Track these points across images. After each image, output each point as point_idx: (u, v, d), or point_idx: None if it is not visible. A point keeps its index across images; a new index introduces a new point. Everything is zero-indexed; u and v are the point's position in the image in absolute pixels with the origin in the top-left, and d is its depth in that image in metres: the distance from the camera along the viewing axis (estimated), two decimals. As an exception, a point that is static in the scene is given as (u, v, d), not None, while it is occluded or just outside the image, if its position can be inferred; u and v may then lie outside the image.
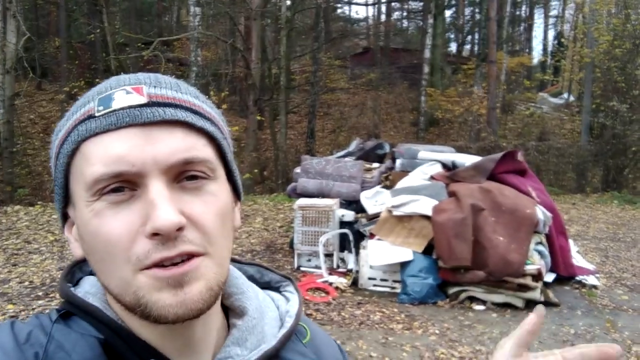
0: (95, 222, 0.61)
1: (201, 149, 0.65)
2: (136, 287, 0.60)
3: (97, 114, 0.63)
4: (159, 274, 0.60)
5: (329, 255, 6.85)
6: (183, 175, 0.63)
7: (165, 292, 0.60)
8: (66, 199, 0.68)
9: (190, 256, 0.61)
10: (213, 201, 0.65)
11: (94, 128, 0.62)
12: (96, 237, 0.61)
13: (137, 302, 0.61)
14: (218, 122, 0.71)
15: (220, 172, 0.69)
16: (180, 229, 0.60)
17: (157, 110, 0.63)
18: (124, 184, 0.61)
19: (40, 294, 5.80)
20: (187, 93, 0.68)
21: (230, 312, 0.77)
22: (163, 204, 0.59)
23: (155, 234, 0.59)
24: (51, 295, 5.75)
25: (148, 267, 0.60)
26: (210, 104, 0.71)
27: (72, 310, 0.67)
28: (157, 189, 0.60)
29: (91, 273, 0.75)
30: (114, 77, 0.67)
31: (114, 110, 0.62)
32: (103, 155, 0.61)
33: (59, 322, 0.65)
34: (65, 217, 0.71)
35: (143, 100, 0.63)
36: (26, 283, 6.13)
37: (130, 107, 0.62)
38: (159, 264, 0.60)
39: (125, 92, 0.63)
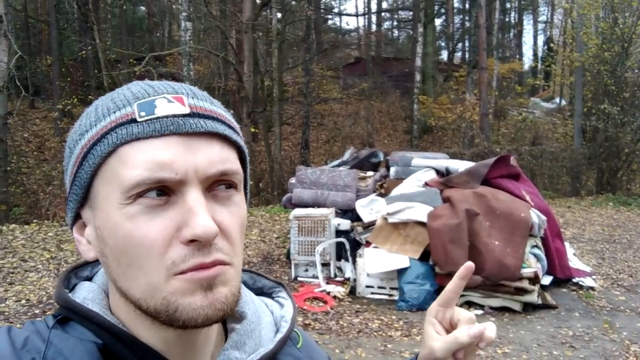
0: (129, 225, 0.62)
1: (234, 162, 0.67)
2: (167, 292, 0.61)
3: (139, 119, 0.63)
4: (195, 276, 0.61)
5: (325, 265, 6.85)
6: (215, 184, 0.65)
7: (197, 295, 0.62)
8: (83, 200, 0.68)
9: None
10: (238, 212, 0.67)
11: (136, 133, 0.62)
12: (128, 241, 0.62)
13: (166, 307, 0.62)
14: (241, 135, 0.73)
15: (242, 185, 0.70)
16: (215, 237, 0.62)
17: (200, 122, 0.64)
18: (161, 190, 0.62)
19: (37, 312, 5.77)
20: (218, 107, 0.70)
21: (228, 316, 0.78)
22: (202, 212, 0.61)
23: (192, 241, 0.61)
24: (48, 313, 5.70)
25: (183, 272, 0.61)
26: (233, 118, 0.73)
27: (70, 315, 0.68)
28: (195, 197, 0.62)
29: (86, 279, 0.76)
30: (144, 83, 0.68)
31: (158, 118, 0.63)
32: (146, 160, 0.61)
33: (56, 328, 0.66)
34: (75, 218, 0.71)
35: (186, 110, 0.64)
36: (23, 301, 6.10)
37: (174, 116, 0.63)
38: (195, 269, 0.62)
39: (167, 100, 0.64)
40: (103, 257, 0.66)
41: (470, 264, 0.86)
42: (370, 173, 8.53)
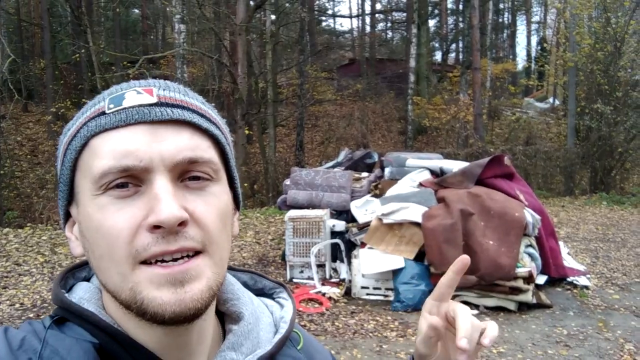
0: (99, 216, 0.62)
1: (206, 150, 0.67)
2: (133, 282, 0.61)
3: (107, 111, 0.65)
4: (160, 272, 0.61)
5: (321, 266, 6.84)
6: (187, 174, 0.65)
7: (164, 290, 0.61)
8: (70, 197, 0.69)
9: (190, 254, 0.62)
10: (214, 202, 0.66)
11: (103, 124, 0.64)
12: (99, 231, 0.62)
13: (134, 298, 0.61)
14: (222, 128, 0.73)
15: (223, 176, 0.70)
16: (181, 224, 0.61)
17: (166, 110, 0.65)
18: (129, 180, 0.62)
19: (31, 315, 5.75)
20: (194, 98, 0.70)
21: (226, 317, 0.78)
22: (167, 198, 0.61)
23: (156, 227, 0.60)
24: (43, 316, 5.68)
25: (147, 262, 0.61)
26: (215, 112, 0.73)
27: (66, 315, 0.68)
28: (161, 184, 0.62)
29: (84, 279, 0.76)
30: (124, 83, 0.70)
31: (125, 108, 0.64)
32: (112, 149, 0.62)
33: (52, 328, 0.66)
34: (67, 217, 0.72)
35: (153, 100, 0.65)
36: (17, 305, 6.07)
37: (140, 105, 0.64)
38: (159, 259, 0.61)
39: (136, 92, 0.66)
40: (86, 251, 0.67)
41: (465, 258, 0.82)
42: (364, 174, 8.54)
